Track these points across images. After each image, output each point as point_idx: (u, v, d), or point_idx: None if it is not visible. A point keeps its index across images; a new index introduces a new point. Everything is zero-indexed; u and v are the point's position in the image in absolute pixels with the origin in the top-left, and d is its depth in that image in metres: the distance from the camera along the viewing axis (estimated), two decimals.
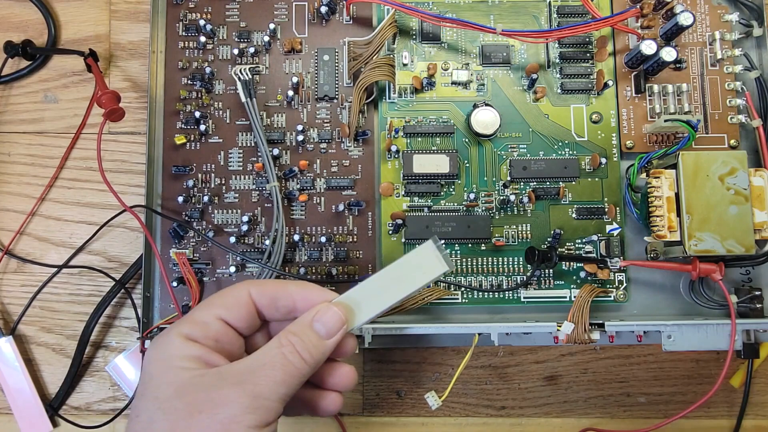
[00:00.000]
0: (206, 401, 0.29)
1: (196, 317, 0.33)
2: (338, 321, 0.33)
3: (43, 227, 0.50)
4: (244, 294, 0.33)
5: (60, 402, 0.49)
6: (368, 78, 0.46)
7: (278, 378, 0.30)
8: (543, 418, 0.50)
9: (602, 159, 0.47)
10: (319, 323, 0.33)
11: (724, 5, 0.49)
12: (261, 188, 0.47)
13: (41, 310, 0.50)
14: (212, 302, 0.34)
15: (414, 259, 0.34)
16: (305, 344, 0.32)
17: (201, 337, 0.32)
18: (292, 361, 0.31)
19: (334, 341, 0.33)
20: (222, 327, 0.33)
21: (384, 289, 0.34)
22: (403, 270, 0.34)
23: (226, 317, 0.33)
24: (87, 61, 0.48)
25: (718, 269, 0.44)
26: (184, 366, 0.30)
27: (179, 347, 0.31)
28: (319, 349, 0.32)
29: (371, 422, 0.50)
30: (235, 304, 0.33)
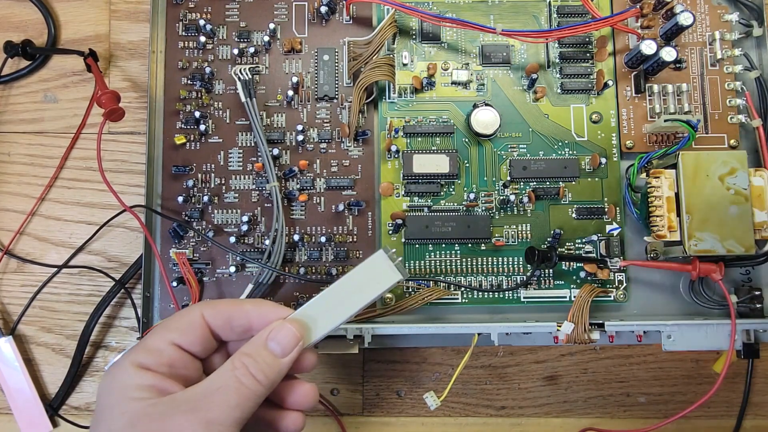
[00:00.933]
0: (159, 431, 0.29)
1: (148, 344, 0.32)
2: (293, 338, 0.32)
3: (43, 227, 0.50)
4: (197, 316, 0.33)
5: (60, 402, 0.48)
6: (368, 78, 0.46)
7: (232, 402, 0.30)
8: (543, 418, 0.50)
9: (602, 159, 0.47)
10: (274, 341, 0.32)
11: (724, 5, 0.49)
12: (261, 188, 0.47)
13: (41, 310, 0.50)
14: (165, 326, 0.33)
15: (366, 270, 0.34)
16: (259, 365, 0.31)
17: (154, 364, 0.31)
18: (245, 383, 0.31)
19: (289, 359, 0.32)
20: (176, 352, 0.32)
21: (339, 303, 0.34)
22: (356, 282, 0.34)
23: (180, 342, 0.32)
24: (87, 61, 0.48)
25: (718, 269, 0.44)
26: (137, 396, 0.30)
27: (132, 376, 0.30)
28: (274, 369, 0.32)
29: (371, 422, 0.50)
30: (188, 328, 0.33)
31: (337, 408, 0.50)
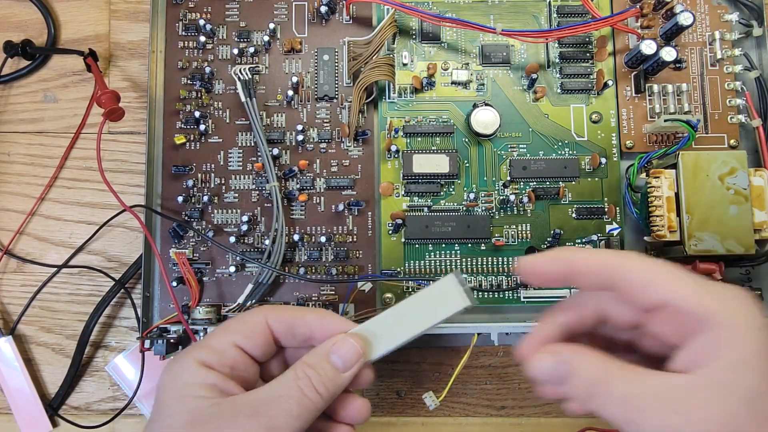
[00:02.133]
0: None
1: (212, 343, 0.32)
2: (355, 354, 0.32)
3: (43, 227, 0.50)
4: (261, 321, 0.33)
5: (60, 402, 0.48)
6: (368, 78, 0.46)
7: (294, 412, 0.30)
8: (543, 417, 0.50)
9: (602, 159, 0.47)
10: (336, 355, 0.32)
11: (724, 5, 0.49)
12: (261, 188, 0.47)
13: (41, 310, 0.50)
14: (228, 328, 0.33)
15: (435, 292, 0.32)
16: (321, 378, 0.31)
17: (216, 364, 0.31)
18: (307, 394, 0.30)
19: (350, 374, 0.32)
20: (238, 354, 0.32)
21: (403, 322, 0.33)
22: (423, 303, 0.33)
23: (242, 344, 0.32)
24: (86, 60, 0.48)
25: (717, 269, 0.44)
26: (199, 394, 0.30)
27: (194, 374, 0.30)
28: (335, 383, 0.31)
29: (371, 422, 0.50)
30: (252, 331, 0.33)
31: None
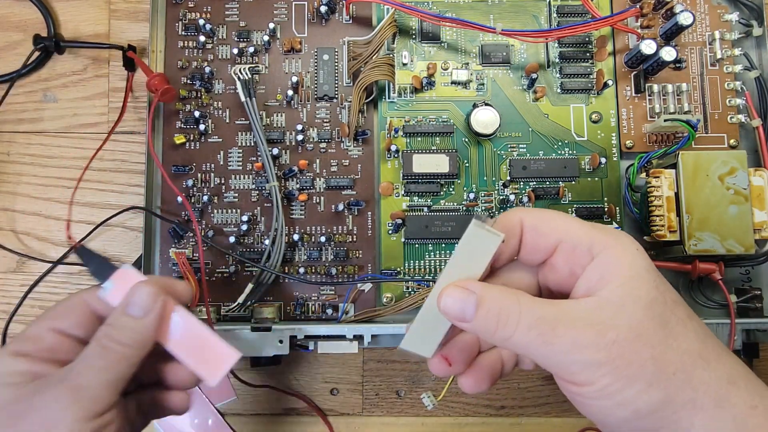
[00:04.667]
0: (28, 408, 0.29)
1: (27, 333, 0.32)
2: (150, 296, 0.32)
3: (43, 227, 0.50)
4: (78, 301, 0.33)
5: None
6: (368, 77, 0.46)
7: (98, 365, 0.30)
8: (542, 417, 0.50)
9: (602, 159, 0.47)
10: (131, 305, 0.32)
11: (723, 5, 0.49)
12: (260, 188, 0.47)
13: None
14: (45, 314, 0.33)
15: (466, 247, 0.30)
16: (120, 330, 0.31)
17: (33, 350, 0.31)
18: (110, 347, 0.30)
19: (152, 317, 0.31)
20: (56, 338, 0.32)
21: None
22: (463, 261, 0.30)
23: (60, 326, 0.32)
24: (128, 54, 0.47)
25: (717, 269, 0.44)
26: (9, 382, 0.30)
27: (6, 364, 0.30)
28: (136, 330, 0.31)
29: (371, 422, 0.50)
30: (67, 313, 0.32)
31: (336, 408, 0.50)
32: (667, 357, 0.26)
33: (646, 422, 0.26)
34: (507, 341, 0.27)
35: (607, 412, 0.27)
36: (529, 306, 0.27)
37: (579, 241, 0.28)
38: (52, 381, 0.30)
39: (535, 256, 0.30)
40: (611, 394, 0.26)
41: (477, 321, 0.28)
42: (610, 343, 0.26)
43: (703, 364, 0.27)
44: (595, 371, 0.26)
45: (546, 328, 0.26)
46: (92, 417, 0.29)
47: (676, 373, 0.26)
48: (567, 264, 0.29)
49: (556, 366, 0.27)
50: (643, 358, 0.26)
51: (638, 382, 0.26)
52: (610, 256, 0.27)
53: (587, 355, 0.26)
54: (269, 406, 0.50)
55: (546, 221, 0.29)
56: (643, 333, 0.26)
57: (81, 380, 0.29)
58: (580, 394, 0.27)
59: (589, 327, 0.26)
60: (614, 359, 0.26)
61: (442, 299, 0.28)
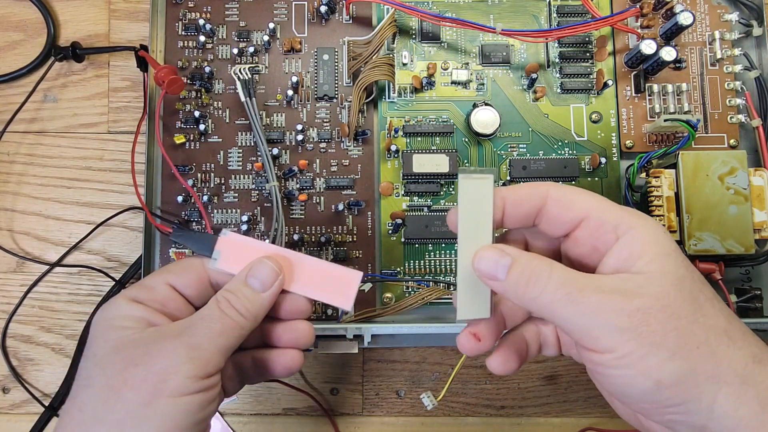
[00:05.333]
0: (143, 355, 0.29)
1: (144, 282, 0.33)
2: (271, 273, 0.33)
3: (43, 227, 0.50)
4: (198, 263, 0.34)
5: (60, 402, 0.48)
6: (368, 77, 0.46)
7: (216, 329, 0.31)
8: (543, 417, 0.50)
9: (602, 159, 0.47)
10: (253, 278, 0.33)
11: (723, 5, 0.49)
12: (260, 188, 0.47)
13: (40, 309, 0.50)
14: (164, 268, 0.34)
15: (465, 199, 0.31)
16: (240, 299, 0.32)
17: (147, 299, 0.32)
18: (228, 314, 0.31)
19: (270, 293, 0.33)
20: (169, 292, 0.33)
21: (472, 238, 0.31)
22: (469, 214, 0.31)
23: (175, 283, 0.33)
24: (139, 53, 0.47)
25: (717, 269, 0.44)
26: (126, 325, 0.31)
27: (122, 308, 0.31)
28: (254, 303, 0.32)
29: (371, 422, 0.50)
30: (185, 271, 0.34)
31: (336, 408, 0.50)
32: (693, 330, 0.26)
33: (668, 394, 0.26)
34: (535, 300, 0.28)
35: (629, 382, 0.26)
36: (560, 269, 0.28)
37: (605, 219, 0.28)
38: (168, 333, 0.30)
39: (557, 228, 0.30)
40: (633, 362, 0.26)
41: (509, 279, 0.28)
42: (635, 310, 0.26)
43: (728, 341, 0.26)
44: (618, 336, 0.26)
45: (573, 289, 0.27)
46: (202, 377, 0.29)
47: (701, 346, 0.26)
48: (591, 240, 0.29)
49: (579, 330, 0.27)
50: (668, 329, 0.26)
51: (661, 351, 0.26)
52: (638, 235, 0.28)
53: (612, 319, 0.26)
54: (269, 406, 0.50)
55: (573, 195, 0.30)
56: (671, 305, 0.26)
57: (197, 340, 0.30)
58: (601, 363, 0.27)
59: (616, 293, 0.26)
60: (639, 326, 0.26)
61: (476, 261, 0.29)
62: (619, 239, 0.28)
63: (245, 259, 0.34)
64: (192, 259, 0.34)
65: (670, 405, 0.26)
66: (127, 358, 0.29)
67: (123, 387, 0.29)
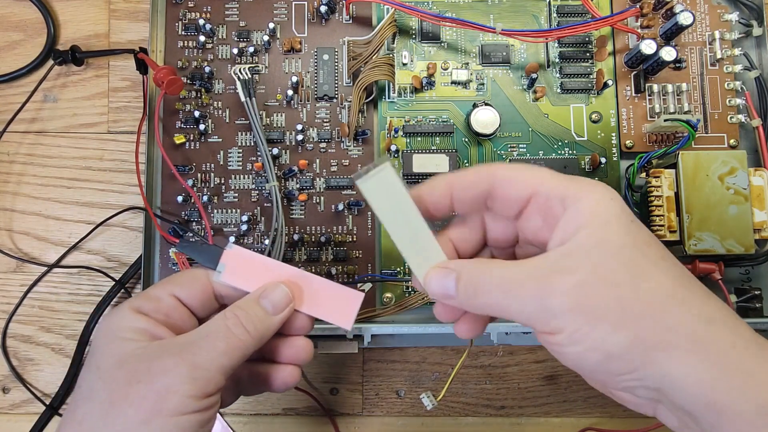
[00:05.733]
0: (145, 371, 0.29)
1: (149, 292, 0.33)
2: (285, 298, 0.33)
3: (43, 227, 0.50)
4: (202, 275, 0.34)
5: (60, 402, 0.48)
6: (368, 77, 0.46)
7: (220, 348, 0.30)
8: (542, 417, 0.50)
9: (602, 159, 0.47)
10: (266, 299, 0.33)
11: (723, 5, 0.49)
12: (260, 188, 0.47)
13: (40, 309, 0.50)
14: (169, 279, 0.34)
15: (379, 204, 0.31)
16: (250, 317, 0.32)
17: (151, 310, 0.32)
18: (235, 332, 0.31)
19: (280, 318, 0.33)
20: (174, 303, 0.33)
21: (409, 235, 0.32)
22: (389, 210, 0.31)
23: (180, 294, 0.33)
24: (138, 56, 0.47)
25: (717, 269, 0.44)
26: (129, 337, 0.31)
27: (126, 319, 0.31)
28: (264, 324, 0.32)
29: (371, 422, 0.50)
30: (190, 283, 0.34)
31: (336, 408, 0.50)
32: (635, 297, 0.26)
33: (618, 364, 0.26)
34: (486, 306, 0.28)
35: (581, 357, 0.27)
36: (498, 269, 0.28)
37: (552, 192, 0.28)
38: (171, 349, 0.30)
39: (509, 208, 0.30)
40: (580, 339, 0.26)
41: (459, 295, 0.29)
42: (573, 287, 0.26)
43: (675, 304, 0.26)
44: (561, 317, 0.26)
45: (513, 285, 0.27)
46: (202, 397, 0.29)
47: (645, 313, 0.26)
48: (540, 215, 0.29)
49: (528, 319, 0.27)
50: (609, 299, 0.26)
51: (604, 324, 0.26)
52: (581, 206, 0.28)
53: (553, 302, 0.26)
54: (269, 406, 0.50)
55: (519, 172, 0.29)
56: (608, 276, 0.26)
57: (200, 360, 0.30)
58: (554, 343, 0.27)
59: (553, 274, 0.27)
60: (579, 302, 0.26)
61: (427, 285, 0.30)
62: (566, 211, 0.28)
63: (249, 273, 0.34)
64: (197, 271, 0.34)
65: (623, 373, 0.26)
66: (130, 373, 0.29)
67: (123, 403, 0.29)
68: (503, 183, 0.29)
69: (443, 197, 0.31)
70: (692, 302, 0.26)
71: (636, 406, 0.29)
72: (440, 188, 0.31)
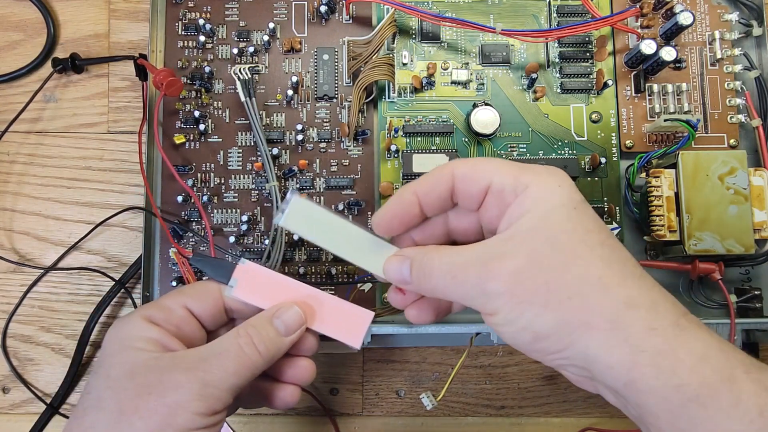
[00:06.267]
0: (156, 384, 0.30)
1: (161, 302, 0.33)
2: (298, 319, 0.34)
3: (43, 227, 0.50)
4: (215, 288, 0.34)
5: (60, 401, 0.48)
6: (368, 77, 0.46)
7: (230, 368, 0.31)
8: (542, 417, 0.50)
9: (602, 159, 0.47)
10: (279, 320, 0.33)
11: (723, 5, 0.49)
12: (260, 188, 0.47)
13: (40, 309, 0.50)
14: (181, 291, 0.35)
15: (308, 232, 0.34)
16: (262, 337, 0.32)
17: (163, 321, 0.32)
18: (246, 352, 0.32)
19: (291, 339, 0.34)
20: (186, 315, 0.33)
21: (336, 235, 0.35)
22: (324, 235, 0.34)
23: (192, 306, 0.34)
24: (138, 62, 0.47)
25: (717, 269, 0.44)
26: (140, 347, 0.31)
27: (139, 328, 0.32)
28: (275, 344, 0.33)
29: (371, 422, 0.50)
30: (202, 295, 0.34)
31: (336, 407, 0.50)
32: (564, 281, 0.28)
33: (546, 344, 0.28)
34: (435, 289, 0.31)
35: (515, 336, 0.29)
36: (446, 254, 0.30)
37: (505, 182, 0.30)
38: (182, 364, 0.30)
39: (470, 202, 0.32)
40: (513, 320, 0.28)
41: (413, 279, 0.32)
42: (509, 273, 0.28)
43: (601, 288, 0.28)
44: (497, 300, 0.28)
45: (457, 270, 0.30)
46: (210, 414, 0.30)
47: (572, 296, 0.27)
48: (496, 205, 0.31)
49: (471, 301, 0.30)
50: (539, 283, 0.28)
51: (534, 307, 0.28)
52: (530, 192, 0.29)
53: (491, 286, 0.28)
54: None
55: (474, 166, 0.31)
56: (542, 261, 0.28)
57: (211, 378, 0.30)
58: (493, 323, 0.30)
59: (491, 260, 0.29)
60: (513, 287, 0.28)
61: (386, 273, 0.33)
62: (515, 199, 0.29)
63: (261, 289, 0.34)
64: (209, 284, 0.35)
65: (551, 352, 0.29)
66: (141, 385, 0.30)
67: (133, 415, 0.29)
68: (461, 179, 0.31)
69: (412, 206, 0.32)
70: (618, 287, 0.28)
71: (578, 383, 0.31)
72: (408, 199, 0.32)
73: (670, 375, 0.26)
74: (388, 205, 0.33)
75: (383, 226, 0.34)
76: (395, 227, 0.33)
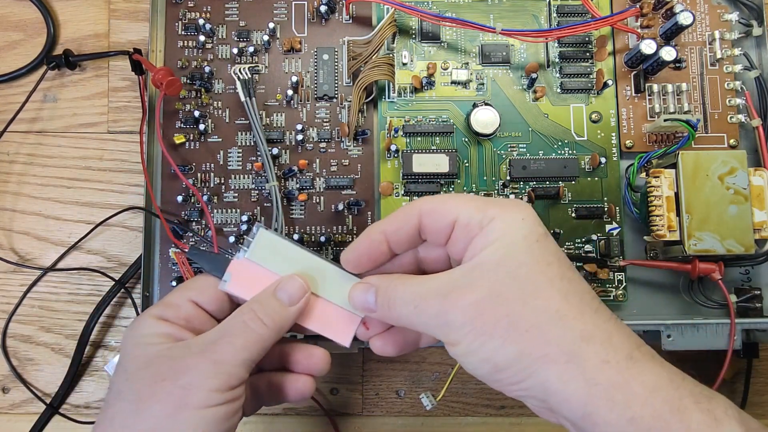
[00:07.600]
0: (170, 370, 0.31)
1: (167, 300, 0.35)
2: (300, 289, 0.35)
3: (43, 227, 0.50)
4: (214, 280, 0.36)
5: (60, 401, 0.49)
6: (368, 77, 0.46)
7: (239, 344, 0.32)
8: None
9: (602, 158, 0.47)
10: (282, 291, 0.34)
11: (723, 5, 0.49)
12: (260, 188, 0.47)
13: (40, 309, 0.50)
14: (185, 286, 0.36)
15: (269, 261, 0.36)
16: (266, 310, 0.33)
17: (172, 317, 0.34)
18: (252, 327, 0.33)
19: (296, 309, 0.34)
20: (193, 308, 0.35)
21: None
22: (286, 265, 0.36)
23: (197, 299, 0.35)
24: (133, 57, 0.47)
25: (717, 269, 0.44)
26: (153, 342, 0.32)
27: (150, 326, 0.33)
28: (281, 315, 0.34)
29: (371, 422, 0.50)
30: (204, 288, 0.35)
31: (336, 407, 0.50)
32: (523, 314, 0.28)
33: (505, 375, 0.29)
34: (399, 318, 0.32)
35: (476, 366, 0.30)
36: (410, 284, 0.31)
37: (471, 215, 0.30)
38: (192, 349, 0.32)
39: (438, 237, 0.32)
40: (474, 351, 0.29)
41: (378, 308, 0.33)
42: (470, 304, 0.29)
43: (558, 321, 0.28)
44: (458, 331, 0.29)
45: (419, 300, 0.30)
46: (226, 389, 0.31)
47: (530, 329, 0.28)
48: (463, 239, 0.31)
49: (434, 331, 0.30)
50: (500, 316, 0.28)
51: (494, 339, 0.28)
52: (494, 225, 0.30)
53: (452, 317, 0.29)
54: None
55: (440, 203, 0.32)
56: (502, 293, 0.28)
57: (221, 356, 0.32)
58: (455, 354, 0.30)
59: (453, 291, 0.29)
60: (473, 319, 0.28)
61: (351, 300, 0.34)
62: (480, 232, 0.30)
63: (255, 285, 0.35)
64: (209, 277, 0.36)
65: (511, 383, 0.29)
66: (155, 373, 0.31)
67: (151, 399, 0.30)
68: (428, 215, 0.32)
69: (380, 244, 0.33)
70: (575, 320, 0.28)
71: (540, 413, 0.31)
72: (376, 238, 0.33)
73: (623, 408, 0.27)
74: (357, 243, 0.34)
75: (352, 263, 0.34)
76: (364, 264, 0.34)
